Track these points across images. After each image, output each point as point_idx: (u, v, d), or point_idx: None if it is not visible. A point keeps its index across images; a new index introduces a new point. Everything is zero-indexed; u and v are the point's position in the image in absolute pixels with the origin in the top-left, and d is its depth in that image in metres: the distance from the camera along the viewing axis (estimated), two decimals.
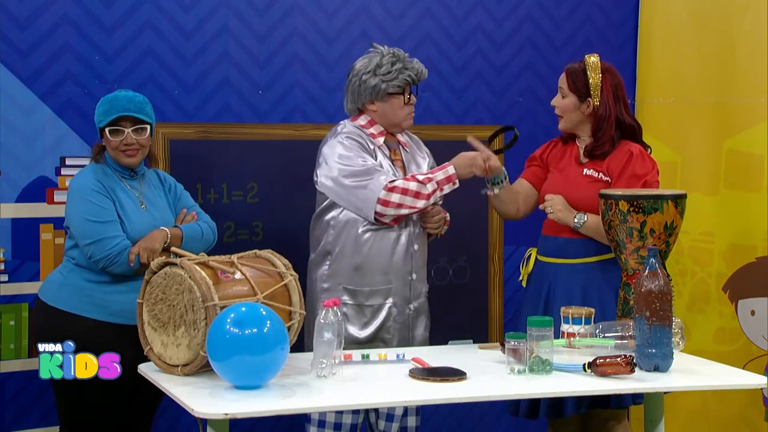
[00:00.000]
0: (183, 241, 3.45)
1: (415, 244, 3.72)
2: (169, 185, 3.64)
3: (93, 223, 3.37)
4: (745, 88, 4.51)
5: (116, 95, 3.48)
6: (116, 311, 3.38)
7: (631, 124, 3.66)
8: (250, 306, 2.83)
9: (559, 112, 3.70)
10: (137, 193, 3.51)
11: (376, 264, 3.68)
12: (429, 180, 3.61)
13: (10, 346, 3.86)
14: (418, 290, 3.76)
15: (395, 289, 3.71)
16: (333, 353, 2.93)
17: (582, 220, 3.58)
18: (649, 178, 3.58)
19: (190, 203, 3.66)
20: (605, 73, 3.64)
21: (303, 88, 4.26)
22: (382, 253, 3.68)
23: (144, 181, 3.56)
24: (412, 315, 3.74)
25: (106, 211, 3.39)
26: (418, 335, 3.76)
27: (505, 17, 4.57)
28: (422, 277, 3.79)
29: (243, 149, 4.17)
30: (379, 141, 3.73)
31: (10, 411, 3.89)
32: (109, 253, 3.35)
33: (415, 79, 3.74)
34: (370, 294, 3.69)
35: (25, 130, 3.86)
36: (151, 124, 3.50)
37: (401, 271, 3.71)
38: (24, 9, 3.85)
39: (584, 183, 3.63)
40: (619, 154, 3.60)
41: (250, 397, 2.72)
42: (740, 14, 4.53)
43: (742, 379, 3.21)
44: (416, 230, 3.73)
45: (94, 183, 3.42)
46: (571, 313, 3.28)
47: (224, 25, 4.14)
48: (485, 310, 4.57)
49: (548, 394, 3.15)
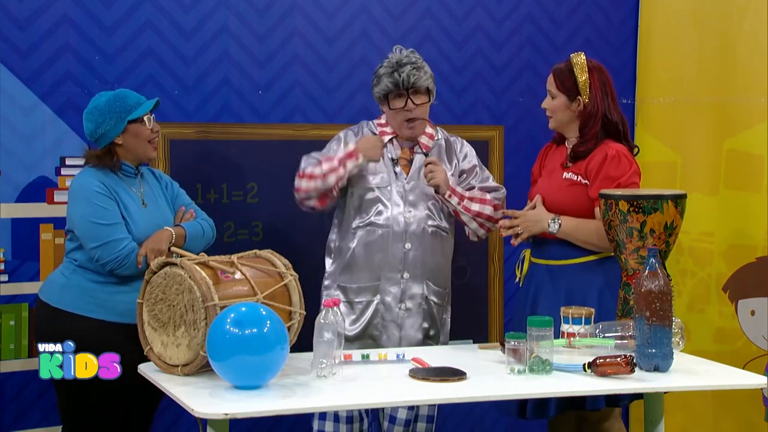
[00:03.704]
0: (186, 240, 3.46)
1: (407, 243, 3.72)
2: (165, 183, 3.64)
3: (99, 226, 3.37)
4: (745, 88, 4.51)
5: (126, 92, 3.50)
6: (123, 311, 3.37)
7: (616, 122, 3.64)
8: (250, 306, 2.83)
9: (550, 113, 3.70)
10: (139, 193, 3.51)
11: (364, 261, 3.73)
12: (329, 159, 3.68)
13: (10, 346, 3.86)
14: (413, 291, 3.76)
15: (383, 287, 3.73)
16: (333, 353, 2.93)
17: (556, 227, 3.57)
18: (624, 180, 3.54)
19: (187, 201, 3.67)
20: (592, 71, 3.63)
21: (303, 88, 4.26)
22: (370, 250, 3.72)
23: (143, 180, 3.56)
24: (403, 315, 3.74)
25: (111, 213, 3.39)
26: (408, 335, 3.76)
27: (505, 17, 4.57)
28: (420, 278, 3.77)
29: (243, 149, 4.17)
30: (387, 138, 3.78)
31: (10, 411, 3.89)
32: (118, 255, 3.35)
33: (392, 88, 3.69)
34: (359, 291, 3.74)
35: (25, 130, 3.86)
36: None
37: (391, 269, 3.73)
38: (24, 9, 3.85)
39: (563, 186, 3.63)
40: (597, 155, 3.59)
41: (250, 397, 2.72)
42: (740, 14, 4.53)
43: (742, 379, 3.21)
44: (410, 229, 3.73)
45: (97, 185, 3.42)
46: (571, 313, 3.28)
47: (224, 25, 4.14)
48: (485, 310, 4.57)
49: (548, 394, 3.15)
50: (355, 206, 3.76)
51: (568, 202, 3.58)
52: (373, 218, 3.73)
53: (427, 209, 3.77)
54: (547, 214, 3.59)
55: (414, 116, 3.72)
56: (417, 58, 3.75)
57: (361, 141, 3.72)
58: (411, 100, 3.70)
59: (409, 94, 3.70)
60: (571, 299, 3.51)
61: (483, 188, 3.81)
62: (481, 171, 3.88)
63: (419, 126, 3.75)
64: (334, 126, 4.06)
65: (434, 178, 3.68)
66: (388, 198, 3.74)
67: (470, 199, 3.74)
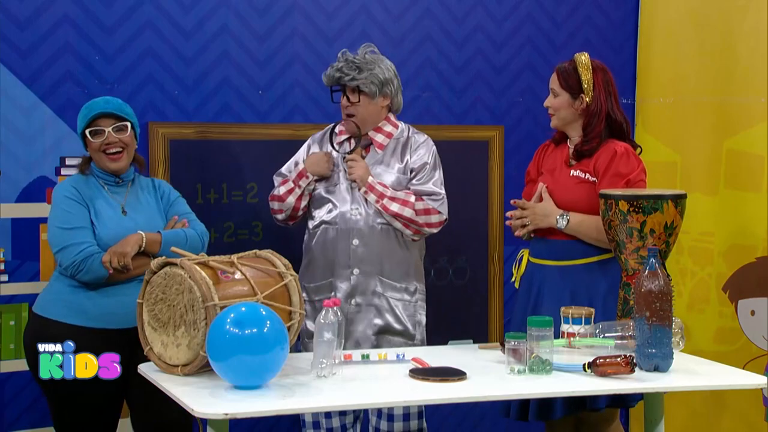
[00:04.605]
0: (161, 246, 3.41)
1: (354, 240, 3.75)
2: (162, 192, 3.60)
3: (61, 230, 3.37)
4: (745, 88, 4.51)
5: (93, 101, 3.49)
6: (96, 315, 3.36)
7: (620, 122, 3.65)
8: (250, 306, 2.83)
9: (552, 111, 3.70)
10: (120, 200, 3.49)
11: (318, 260, 3.80)
12: (284, 182, 3.83)
13: (10, 346, 3.86)
14: (364, 286, 3.77)
15: (335, 284, 3.77)
16: (333, 353, 2.93)
17: (564, 222, 3.58)
18: (633, 177, 3.56)
19: (184, 210, 3.60)
20: (596, 71, 3.64)
21: (303, 88, 4.26)
22: (324, 249, 3.79)
23: (132, 187, 3.53)
24: (354, 310, 3.76)
25: (75, 217, 3.38)
26: (357, 331, 3.76)
27: (505, 17, 4.57)
28: (371, 274, 3.77)
29: (243, 149, 4.17)
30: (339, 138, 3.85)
31: (10, 411, 3.89)
32: (74, 259, 3.34)
33: (326, 82, 3.82)
34: (317, 289, 3.80)
35: (25, 130, 3.86)
36: (133, 123, 3.49)
37: (341, 266, 3.77)
38: (24, 9, 3.85)
39: (571, 184, 3.63)
40: (604, 153, 3.59)
41: (250, 397, 2.72)
42: (740, 14, 4.53)
43: (742, 379, 3.21)
44: (357, 227, 3.76)
45: (68, 190, 3.42)
46: (571, 313, 3.28)
47: (224, 25, 4.14)
48: (485, 310, 4.57)
49: (548, 394, 3.15)
50: (313, 207, 3.84)
51: (577, 200, 3.58)
52: (324, 216, 3.79)
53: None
54: (556, 210, 3.60)
55: (349, 113, 3.79)
56: (366, 60, 3.77)
57: (308, 159, 3.83)
58: (347, 96, 3.78)
59: (345, 92, 3.78)
60: (576, 300, 3.51)
61: (416, 191, 3.79)
62: (428, 172, 3.82)
63: (349, 123, 3.80)
64: None
65: (352, 173, 3.75)
66: (337, 196, 3.80)
67: (391, 199, 3.74)
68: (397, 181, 3.79)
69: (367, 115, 3.80)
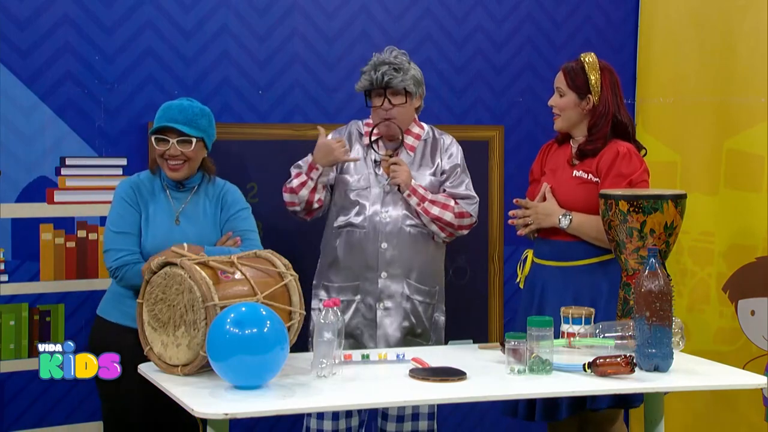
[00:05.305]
0: None
1: (383, 243, 3.74)
2: (225, 202, 3.51)
3: (110, 232, 3.40)
4: (745, 88, 4.51)
5: (170, 104, 3.44)
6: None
7: (625, 123, 3.66)
8: (250, 306, 2.83)
9: (558, 111, 3.70)
10: (178, 207, 3.45)
11: (345, 261, 3.79)
12: (298, 175, 3.77)
13: (10, 346, 3.86)
14: (392, 290, 3.77)
15: (362, 286, 3.77)
16: (333, 353, 2.93)
17: (566, 222, 3.58)
18: (635, 177, 3.56)
19: (242, 227, 3.49)
20: (603, 71, 3.64)
21: (303, 88, 4.26)
22: (350, 250, 3.77)
23: (195, 194, 3.49)
24: (382, 314, 3.76)
25: (124, 221, 3.38)
26: (387, 335, 3.77)
27: (505, 17, 4.57)
28: (399, 277, 3.78)
29: (243, 149, 4.17)
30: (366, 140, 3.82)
31: (10, 411, 3.89)
32: (111, 265, 3.36)
33: (367, 86, 3.77)
34: (340, 290, 3.79)
35: (25, 130, 3.86)
36: (203, 137, 3.42)
37: (369, 269, 3.76)
38: (24, 9, 3.85)
39: (574, 185, 3.63)
40: (607, 153, 3.60)
41: (250, 397, 2.72)
42: (740, 14, 4.53)
43: (742, 379, 3.21)
44: (387, 229, 3.76)
45: (125, 191, 3.42)
46: (571, 313, 3.28)
47: (224, 25, 4.14)
48: (485, 310, 4.57)
49: (548, 394, 3.15)
50: (338, 207, 3.83)
51: (580, 199, 3.59)
52: (353, 218, 3.78)
53: (405, 209, 3.78)
54: (558, 209, 3.61)
55: (389, 116, 3.76)
56: (402, 60, 3.77)
57: (316, 150, 3.77)
58: (389, 99, 3.74)
59: (386, 94, 3.74)
60: (579, 301, 3.52)
61: (452, 194, 3.81)
62: (459, 175, 3.85)
63: (391, 126, 3.78)
64: (334, 126, 4.06)
65: (396, 177, 3.73)
66: (367, 199, 3.78)
67: (432, 202, 3.76)
68: (430, 183, 3.81)
69: (406, 117, 3.80)
